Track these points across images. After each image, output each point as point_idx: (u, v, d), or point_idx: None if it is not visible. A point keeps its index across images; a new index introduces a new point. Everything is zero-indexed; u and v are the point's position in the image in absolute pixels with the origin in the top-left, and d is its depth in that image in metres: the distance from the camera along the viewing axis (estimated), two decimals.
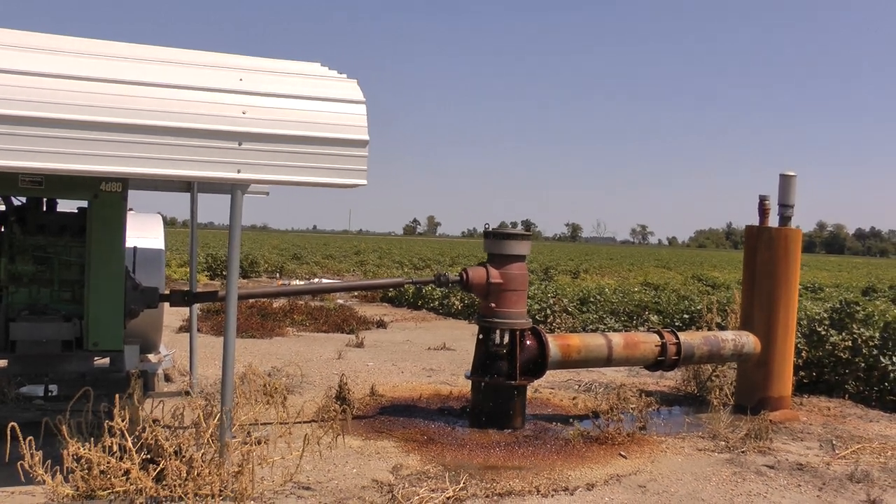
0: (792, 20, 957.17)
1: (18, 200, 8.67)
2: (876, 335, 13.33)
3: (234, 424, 7.55)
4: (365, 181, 7.13)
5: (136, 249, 9.75)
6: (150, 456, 7.08)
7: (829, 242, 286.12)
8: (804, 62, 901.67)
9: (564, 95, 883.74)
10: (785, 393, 11.72)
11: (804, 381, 13.32)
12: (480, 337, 10.37)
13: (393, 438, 9.53)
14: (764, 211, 11.93)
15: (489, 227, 10.42)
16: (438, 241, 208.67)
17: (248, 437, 7.35)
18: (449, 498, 7.32)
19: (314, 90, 7.22)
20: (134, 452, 6.90)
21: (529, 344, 10.28)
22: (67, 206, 8.92)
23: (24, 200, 8.69)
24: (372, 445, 9.20)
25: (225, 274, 7.87)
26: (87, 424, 7.18)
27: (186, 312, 15.87)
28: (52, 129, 6.24)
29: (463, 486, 7.65)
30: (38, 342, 8.12)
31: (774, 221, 11.95)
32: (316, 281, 36.52)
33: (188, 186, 11.44)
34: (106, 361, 8.81)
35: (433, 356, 16.22)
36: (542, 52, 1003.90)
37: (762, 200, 11.95)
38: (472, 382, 10.51)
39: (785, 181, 11.89)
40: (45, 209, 8.78)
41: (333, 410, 8.93)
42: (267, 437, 7.61)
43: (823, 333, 13.58)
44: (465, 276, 10.23)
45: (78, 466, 6.81)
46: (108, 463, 6.87)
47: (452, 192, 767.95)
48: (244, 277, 36.75)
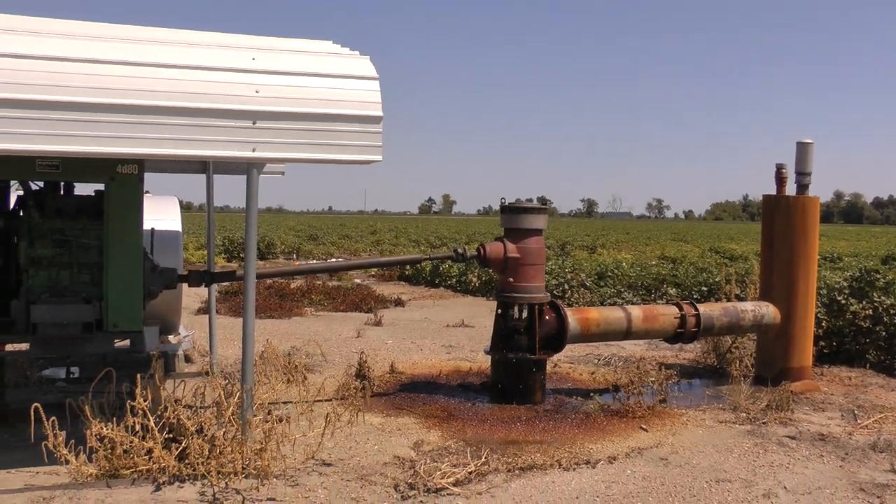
0: None
1: (36, 185, 8.68)
2: None
3: (254, 403, 7.57)
4: (380, 157, 7.12)
5: (153, 231, 9.77)
6: (172, 435, 7.12)
7: (846, 212, 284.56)
8: (820, 30, 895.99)
9: (580, 72, 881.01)
10: (805, 363, 11.67)
11: (824, 351, 13.25)
12: (499, 312, 10.36)
13: (413, 415, 9.55)
14: (781, 180, 11.86)
15: (505, 201, 10.39)
16: (454, 219, 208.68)
17: (268, 415, 7.38)
18: (471, 473, 7.32)
19: (327, 67, 7.21)
20: (156, 431, 6.94)
21: (548, 318, 10.27)
22: (84, 189, 8.94)
23: (41, 185, 8.70)
24: (393, 422, 9.22)
25: (242, 256, 7.87)
26: (109, 405, 7.22)
27: (205, 294, 15.94)
28: (67, 112, 6.26)
29: (484, 460, 7.65)
30: (58, 324, 8.15)
31: (792, 190, 11.87)
32: (333, 261, 36.57)
33: (204, 167, 11.45)
34: (126, 343, 8.83)
35: (452, 333, 16.23)
36: (557, 28, 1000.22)
37: (779, 169, 11.87)
38: (491, 358, 10.52)
39: (802, 149, 11.81)
40: (62, 193, 8.79)
41: (353, 388, 8.95)
42: (288, 415, 7.64)
43: (843, 302, 13.50)
44: (482, 251, 10.22)
45: (101, 446, 6.86)
46: (130, 442, 6.91)
47: (468, 170, 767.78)
48: (261, 259, 36.84)
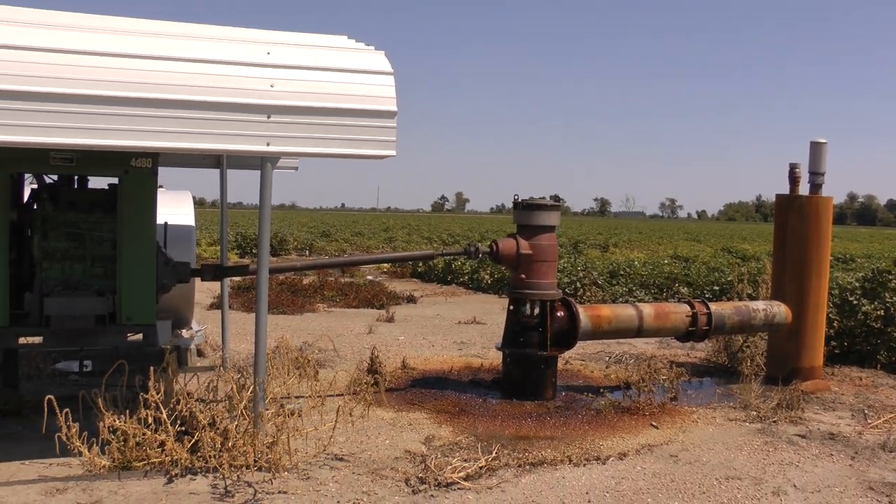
0: None
1: (50, 178, 8.73)
2: None
3: (266, 397, 7.60)
4: (394, 152, 7.14)
5: (166, 225, 9.80)
6: (184, 428, 7.15)
7: (860, 214, 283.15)
8: (835, 29, 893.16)
9: (593, 71, 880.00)
10: (816, 363, 11.67)
11: (835, 351, 13.24)
12: (511, 308, 10.38)
13: (425, 410, 9.57)
14: (794, 179, 11.85)
15: (518, 198, 10.41)
16: (467, 217, 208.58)
17: (280, 408, 7.40)
18: (482, 468, 7.34)
19: (341, 62, 7.22)
20: (169, 424, 6.97)
21: (560, 315, 10.28)
22: (98, 182, 8.98)
23: (55, 178, 8.74)
24: (404, 417, 9.25)
25: (255, 252, 7.90)
26: (122, 398, 7.25)
27: (217, 290, 15.99)
28: (81, 105, 6.29)
29: (495, 456, 7.67)
30: (71, 317, 8.19)
31: (805, 190, 11.86)
32: (344, 257, 36.59)
33: (218, 162, 11.48)
34: (139, 337, 8.87)
35: (463, 330, 16.25)
36: (572, 27, 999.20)
37: (792, 168, 11.86)
38: (502, 354, 10.54)
39: (815, 148, 11.81)
40: (76, 186, 8.83)
41: (365, 383, 8.97)
42: (300, 409, 7.66)
43: (855, 303, 13.49)
44: (495, 247, 10.24)
45: (114, 438, 6.90)
46: (143, 435, 6.95)
47: (481, 168, 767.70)
48: (274, 255, 36.86)
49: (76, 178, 8.81)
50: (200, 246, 35.32)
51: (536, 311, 10.14)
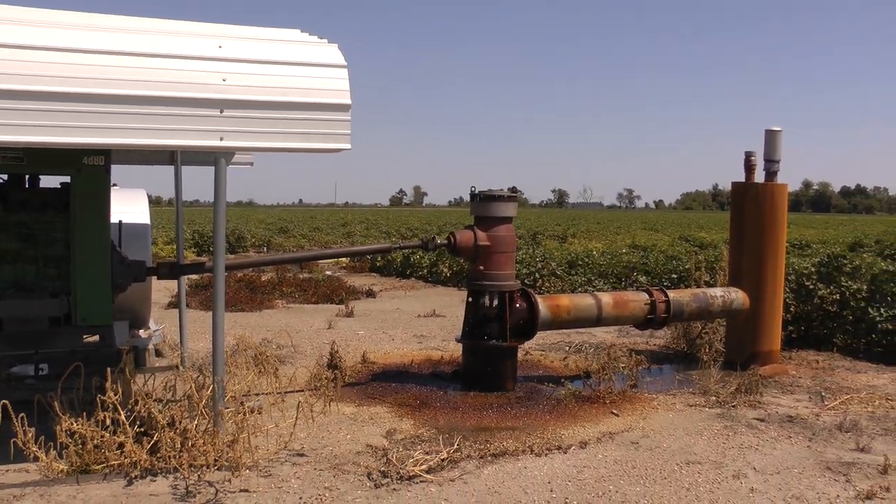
0: None
1: (0, 178, 8.62)
2: (864, 287, 13.40)
3: (226, 395, 7.55)
4: (349, 145, 7.10)
5: (121, 224, 9.70)
6: (143, 429, 7.09)
7: (815, 201, 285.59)
8: (788, 21, 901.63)
9: (549, 63, 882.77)
10: (774, 347, 11.78)
11: (793, 335, 13.39)
12: (470, 300, 10.38)
13: (386, 404, 9.55)
14: (750, 167, 11.94)
15: (475, 190, 10.40)
16: (425, 210, 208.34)
17: (241, 406, 7.35)
18: (443, 460, 7.33)
19: (294, 55, 7.17)
20: (127, 426, 6.91)
21: (519, 306, 10.29)
22: (50, 181, 8.88)
23: (5, 177, 8.63)
24: (365, 411, 9.22)
25: (212, 250, 7.84)
26: (79, 400, 7.18)
27: (175, 289, 15.86)
28: (31, 101, 6.18)
29: (457, 447, 7.67)
30: (25, 319, 8.09)
31: (761, 177, 11.96)
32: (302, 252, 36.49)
33: (172, 158, 11.39)
34: (96, 338, 8.78)
35: (423, 323, 16.25)
36: (527, 21, 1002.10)
37: (748, 157, 11.95)
38: (462, 346, 10.54)
39: (770, 136, 11.90)
40: (27, 185, 8.73)
41: (325, 378, 8.94)
42: (260, 406, 7.63)
43: (812, 287, 13.63)
44: (452, 239, 10.23)
45: (71, 442, 6.82)
46: (101, 437, 6.88)
47: (438, 161, 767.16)
48: (231, 252, 36.72)
49: (27, 177, 8.71)
50: (157, 245, 35.06)
51: (496, 302, 10.13)
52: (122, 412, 6.90)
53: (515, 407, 9.45)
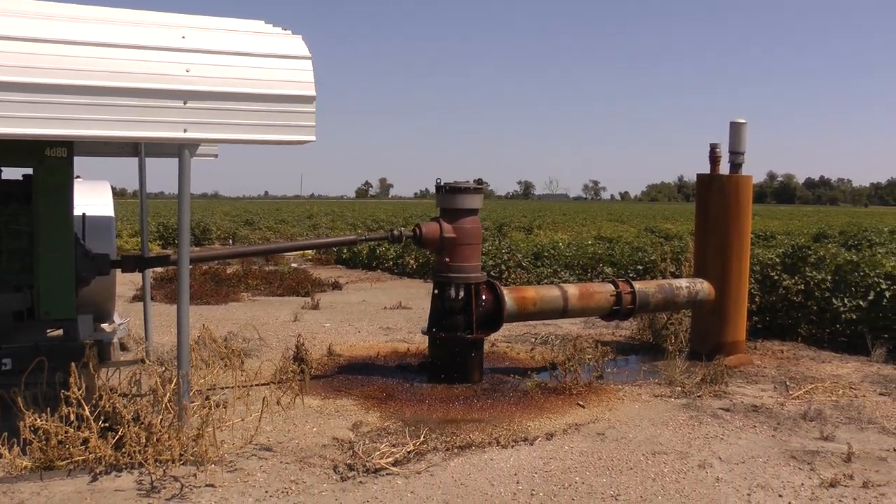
0: None
1: None
2: (828, 278, 13.51)
3: (191, 389, 7.50)
4: (313, 137, 7.06)
5: (84, 217, 9.60)
6: (108, 424, 7.03)
7: (779, 192, 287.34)
8: (751, 14, 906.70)
9: (515, 56, 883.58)
10: (739, 338, 11.85)
11: (758, 325, 13.50)
12: (436, 292, 10.37)
13: (352, 397, 9.54)
14: (715, 159, 12.00)
15: (441, 181, 10.39)
16: (392, 202, 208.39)
17: (206, 400, 7.32)
18: (410, 452, 7.33)
19: (259, 46, 7.12)
20: (92, 421, 6.85)
21: (485, 298, 10.29)
22: (11, 173, 8.78)
23: None
24: (331, 404, 9.20)
25: (177, 242, 7.79)
26: (42, 396, 7.11)
27: (140, 282, 15.74)
28: None
29: (423, 440, 7.66)
30: None
31: (726, 169, 12.01)
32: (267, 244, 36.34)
33: (135, 150, 11.30)
34: (60, 332, 8.70)
35: (389, 315, 16.23)
36: (491, 12, 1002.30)
37: (713, 148, 12.01)
38: (429, 338, 10.53)
39: (735, 128, 11.96)
40: None
41: (291, 371, 8.91)
42: (225, 400, 7.59)
43: (776, 278, 13.73)
44: (418, 231, 10.22)
45: (35, 438, 6.76)
46: (65, 433, 6.82)
47: (405, 153, 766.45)
48: (196, 245, 36.57)
49: None
50: (122, 237, 34.87)
51: (461, 294, 10.13)
52: (86, 407, 6.84)
53: (482, 399, 9.45)
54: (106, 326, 11.42)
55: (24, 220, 8.32)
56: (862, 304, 12.80)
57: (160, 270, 20.74)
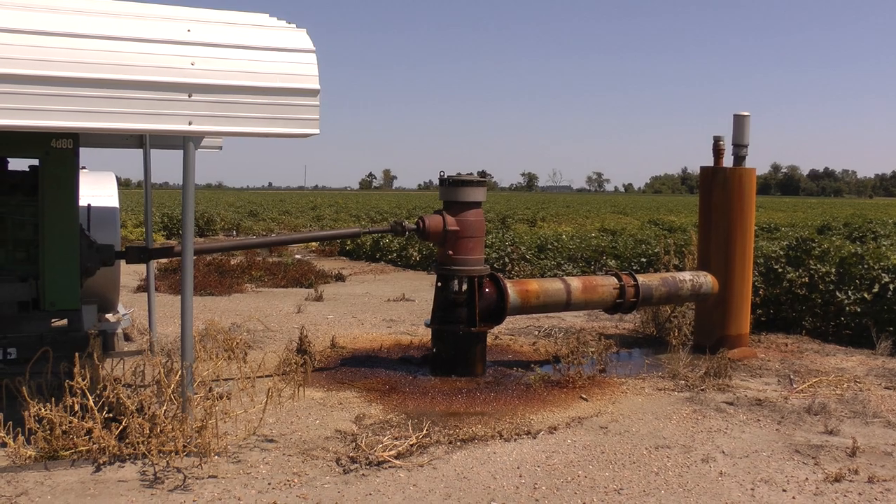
0: None
1: None
2: (832, 271, 13.48)
3: (195, 380, 7.51)
4: (317, 130, 7.06)
5: (90, 207, 9.63)
6: (112, 414, 7.05)
7: (783, 184, 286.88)
8: (756, 3, 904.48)
9: (518, 46, 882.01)
10: (743, 331, 11.85)
11: (762, 318, 13.48)
12: (439, 285, 10.37)
13: (355, 389, 9.55)
14: (718, 151, 11.98)
15: (444, 174, 10.39)
16: (395, 194, 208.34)
17: (209, 392, 7.33)
18: (412, 445, 7.34)
19: (263, 40, 7.12)
20: (96, 411, 6.87)
21: (488, 290, 10.29)
22: (18, 164, 8.80)
23: None
24: (334, 396, 9.21)
25: (181, 234, 7.80)
26: (47, 385, 7.12)
27: (144, 273, 15.77)
28: None
29: (426, 433, 7.67)
30: None
31: (729, 162, 12.01)
32: (272, 236, 36.38)
33: (140, 142, 11.32)
34: (64, 322, 8.72)
35: (393, 307, 16.24)
36: (495, 2, 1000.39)
37: (716, 141, 11.99)
38: (432, 331, 10.53)
39: (739, 121, 11.93)
40: None
41: (294, 363, 8.92)
42: (229, 391, 7.60)
43: (780, 271, 13.71)
44: (421, 224, 10.22)
45: (40, 427, 6.78)
46: (70, 423, 6.84)
47: (408, 145, 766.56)
48: (200, 236, 36.61)
49: None
50: (126, 228, 34.89)
51: (465, 287, 10.14)
52: (90, 397, 6.87)
53: (485, 392, 9.46)
54: (110, 317, 11.45)
55: (29, 210, 8.34)
56: (866, 296, 12.78)
57: (164, 261, 20.75)
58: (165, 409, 7.12)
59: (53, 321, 8.56)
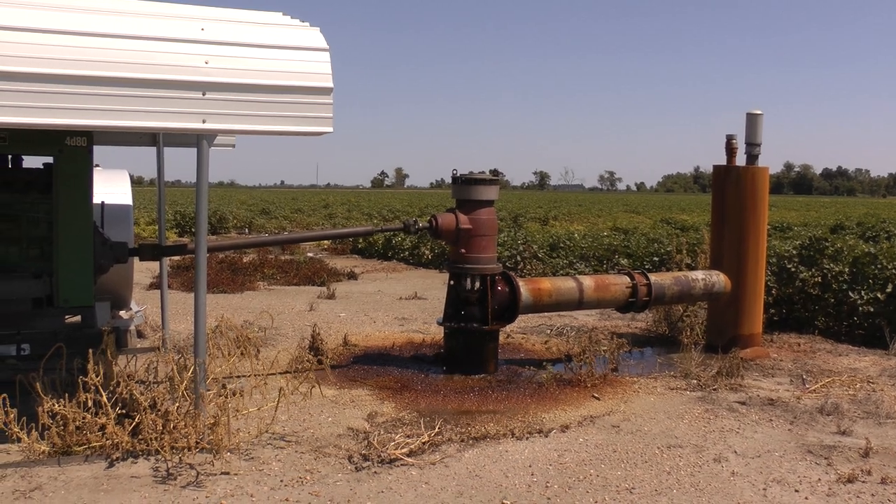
0: None
1: None
2: (845, 270, 13.44)
3: (208, 377, 7.53)
4: (331, 128, 7.08)
5: (103, 205, 9.66)
6: (125, 411, 7.08)
7: (796, 183, 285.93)
8: (767, 2, 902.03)
9: (531, 45, 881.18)
10: (755, 330, 11.82)
11: (774, 318, 13.44)
12: (451, 283, 10.37)
13: (367, 387, 9.56)
14: (731, 150, 11.95)
15: (457, 172, 10.40)
16: (407, 192, 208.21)
17: (222, 389, 7.34)
18: (425, 443, 7.35)
19: (277, 39, 7.15)
20: (109, 407, 6.89)
21: (500, 289, 10.30)
22: (33, 162, 8.84)
23: None
24: (346, 394, 9.23)
25: (194, 230, 7.81)
26: (61, 381, 7.15)
27: (156, 270, 15.81)
28: (13, 83, 6.15)
29: (438, 431, 7.68)
30: (7, 300, 8.07)
31: (742, 161, 11.97)
32: (284, 234, 36.42)
33: (154, 140, 11.35)
34: (77, 319, 8.75)
35: (405, 305, 16.25)
36: (507, 1, 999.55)
37: (729, 140, 11.96)
38: (444, 329, 10.54)
39: (751, 119, 11.90)
40: (10, 166, 8.68)
41: (307, 361, 8.94)
42: (241, 388, 7.62)
43: (793, 270, 13.68)
44: (434, 222, 10.22)
45: (53, 423, 6.80)
46: (83, 418, 6.86)
47: (420, 143, 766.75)
48: (213, 234, 36.65)
49: (10, 157, 8.67)
50: (139, 225, 35.02)
51: (477, 285, 10.13)
52: (103, 394, 6.89)
53: (497, 390, 9.47)
54: (123, 313, 11.49)
55: (43, 208, 8.37)
56: (880, 296, 12.73)
57: (176, 258, 20.82)
58: (178, 405, 7.14)
59: (67, 318, 8.59)
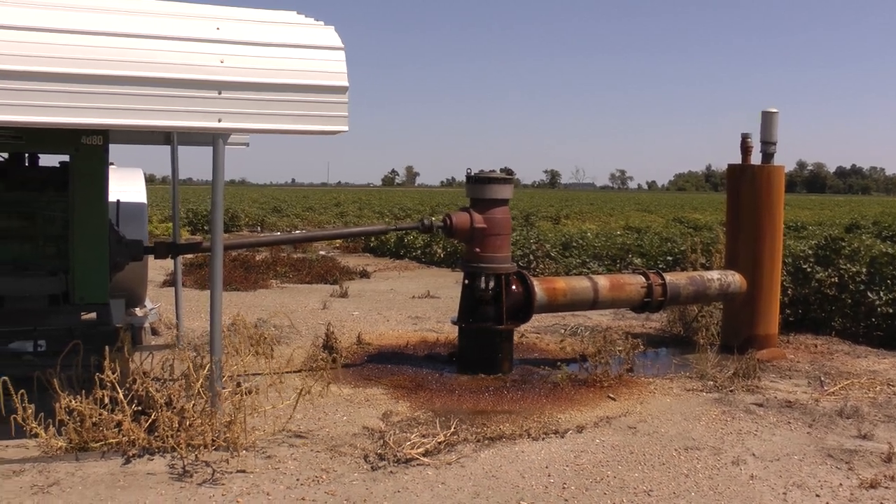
0: None
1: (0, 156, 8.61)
2: (863, 270, 13.32)
3: (223, 375, 7.53)
4: (346, 127, 7.08)
5: (118, 203, 9.68)
6: (141, 408, 7.10)
7: (810, 181, 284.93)
8: (781, 1, 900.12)
9: (542, 43, 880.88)
10: (771, 331, 11.76)
11: (790, 319, 13.33)
12: (466, 283, 10.35)
13: (382, 386, 9.55)
14: (746, 149, 11.89)
15: (471, 171, 10.38)
16: (418, 190, 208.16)
17: (238, 387, 7.35)
18: (440, 443, 7.33)
19: (292, 38, 7.15)
20: (125, 404, 6.91)
21: (515, 288, 10.27)
22: (49, 160, 8.86)
23: (4, 156, 8.62)
24: (361, 393, 9.22)
25: (206, 228, 7.82)
26: (77, 378, 7.17)
27: (170, 267, 15.86)
28: (30, 82, 6.18)
29: (454, 431, 7.65)
30: (24, 297, 8.09)
31: (757, 159, 11.91)
32: (297, 233, 36.46)
33: (168, 139, 11.36)
34: (93, 316, 8.78)
35: (418, 304, 16.24)
36: (515, 2, 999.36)
37: (744, 138, 11.91)
38: (458, 328, 10.52)
39: (767, 118, 11.84)
40: (26, 164, 8.71)
41: (322, 359, 8.93)
42: (257, 387, 7.62)
43: (809, 270, 13.59)
44: (448, 221, 10.20)
45: (70, 419, 6.83)
46: (99, 415, 6.88)
47: (430, 142, 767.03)
48: (226, 231, 36.54)
49: (26, 156, 8.70)
50: (152, 223, 35.01)
51: (492, 284, 10.10)
52: (120, 390, 6.91)
53: (512, 390, 9.44)
54: (137, 311, 11.51)
55: (59, 206, 8.39)
56: None
57: (190, 256, 20.84)
58: (194, 403, 7.15)
59: (83, 315, 8.61)
